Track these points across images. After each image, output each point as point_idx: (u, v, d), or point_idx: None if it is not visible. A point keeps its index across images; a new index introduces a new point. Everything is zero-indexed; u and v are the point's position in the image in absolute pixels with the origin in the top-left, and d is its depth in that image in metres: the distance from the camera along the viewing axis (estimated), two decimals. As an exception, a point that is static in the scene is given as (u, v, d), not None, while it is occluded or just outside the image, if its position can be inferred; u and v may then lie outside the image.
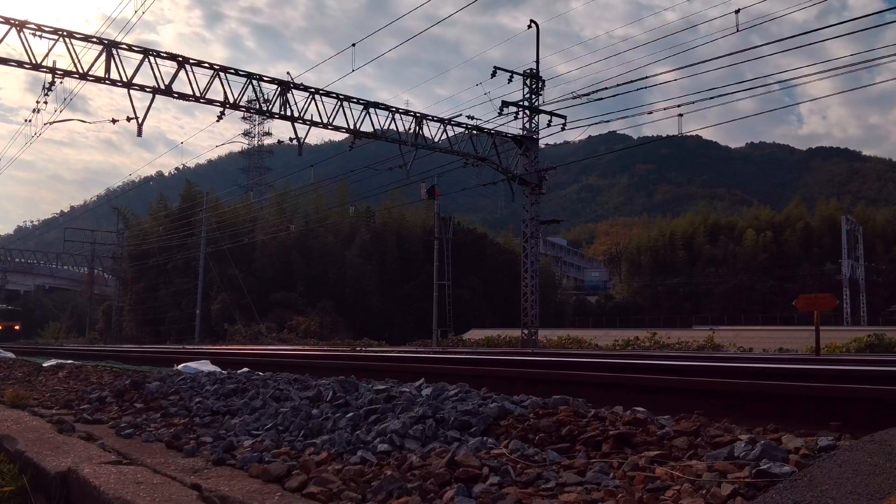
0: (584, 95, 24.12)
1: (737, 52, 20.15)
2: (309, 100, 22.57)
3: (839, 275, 50.17)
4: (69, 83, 20.67)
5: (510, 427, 3.22)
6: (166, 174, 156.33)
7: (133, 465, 2.93)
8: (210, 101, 21.20)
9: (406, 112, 24.85)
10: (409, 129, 24.90)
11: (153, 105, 20.72)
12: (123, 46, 20.09)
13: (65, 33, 19.27)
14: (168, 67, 20.60)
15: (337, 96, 23.17)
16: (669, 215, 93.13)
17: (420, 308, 43.93)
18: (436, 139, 25.48)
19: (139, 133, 20.34)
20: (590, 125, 30.50)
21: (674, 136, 24.99)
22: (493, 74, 26.14)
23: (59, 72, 19.57)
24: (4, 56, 19.75)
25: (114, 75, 19.72)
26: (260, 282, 48.24)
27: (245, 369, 7.76)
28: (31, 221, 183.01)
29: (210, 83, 21.06)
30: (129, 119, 20.12)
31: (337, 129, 23.46)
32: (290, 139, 23.47)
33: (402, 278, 50.29)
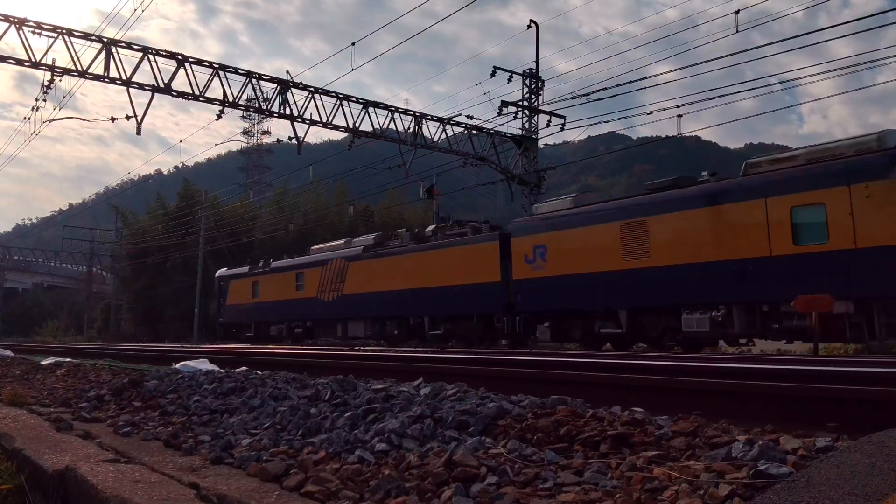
0: (583, 96, 24.14)
1: (738, 53, 20.18)
2: (308, 99, 22.57)
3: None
4: (65, 81, 20.67)
5: (508, 427, 3.22)
6: (165, 172, 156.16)
7: (131, 464, 2.92)
8: (209, 100, 21.19)
9: (405, 111, 24.86)
10: (409, 128, 24.93)
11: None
12: (122, 45, 20.08)
13: (64, 31, 19.25)
14: (166, 65, 20.61)
15: (336, 95, 23.16)
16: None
17: (419, 307, 43.84)
18: (435, 138, 25.49)
19: (138, 132, 20.32)
20: (589, 125, 30.61)
21: (673, 136, 24.99)
22: (493, 74, 26.16)
23: (58, 70, 19.56)
24: (2, 54, 19.68)
25: (112, 73, 19.71)
26: (258, 281, 48.21)
27: (243, 368, 7.76)
28: (30, 219, 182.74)
29: (209, 82, 21.06)
30: (128, 117, 20.11)
31: (336, 128, 23.46)
32: (290, 138, 23.49)
33: (400, 278, 50.21)
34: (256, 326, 31.98)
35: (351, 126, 23.38)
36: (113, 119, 22.08)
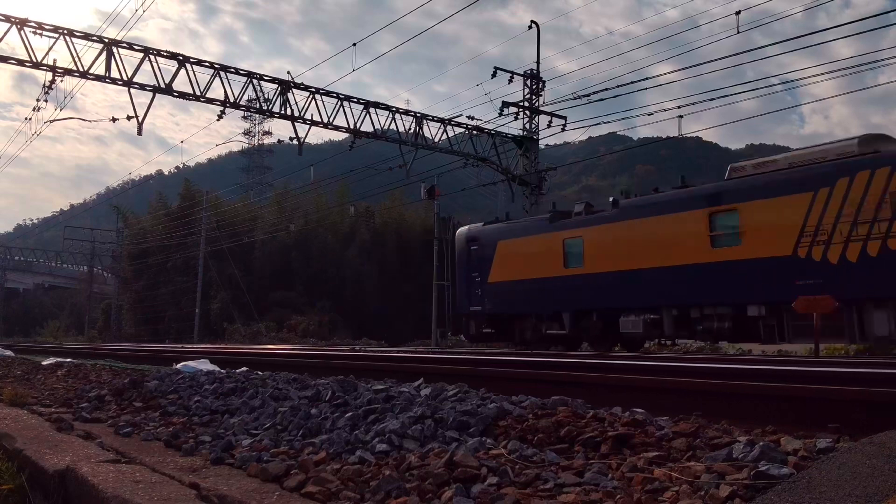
0: (584, 96, 24.15)
1: (740, 53, 20.23)
2: (309, 99, 22.61)
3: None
4: (66, 81, 20.69)
5: (509, 427, 3.22)
6: (166, 173, 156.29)
7: (131, 464, 2.92)
8: (210, 101, 21.21)
9: (406, 112, 24.89)
10: (410, 128, 24.95)
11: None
12: (123, 45, 20.10)
13: (65, 31, 19.27)
14: (167, 66, 20.62)
15: (337, 96, 23.19)
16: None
17: (419, 308, 43.89)
18: (436, 139, 25.53)
19: (139, 132, 20.36)
20: (590, 126, 30.79)
21: (674, 136, 25.01)
22: (494, 75, 26.20)
23: (59, 70, 19.58)
24: (3, 54, 19.70)
25: (113, 74, 19.74)
26: (259, 281, 48.22)
27: (244, 368, 7.76)
28: (31, 219, 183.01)
29: (210, 82, 21.08)
30: (129, 118, 20.14)
31: (337, 128, 23.49)
32: (291, 138, 23.52)
33: (401, 278, 50.25)
34: (575, 318, 19.01)
35: (352, 126, 23.40)
36: (114, 119, 22.14)
